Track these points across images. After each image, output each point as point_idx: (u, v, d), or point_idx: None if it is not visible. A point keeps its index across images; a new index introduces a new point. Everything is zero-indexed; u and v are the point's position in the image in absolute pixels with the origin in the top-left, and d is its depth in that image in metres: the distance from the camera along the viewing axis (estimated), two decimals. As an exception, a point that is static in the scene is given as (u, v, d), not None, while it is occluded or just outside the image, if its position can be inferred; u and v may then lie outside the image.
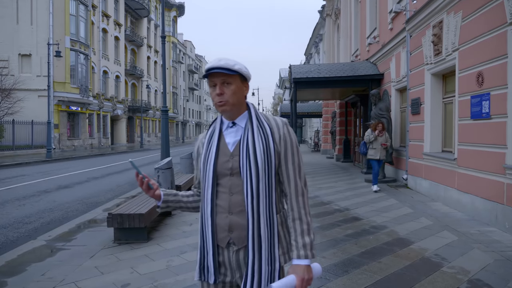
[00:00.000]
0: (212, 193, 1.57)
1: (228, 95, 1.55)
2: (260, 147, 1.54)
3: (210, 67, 1.54)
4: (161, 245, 4.80)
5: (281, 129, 1.60)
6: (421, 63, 8.38)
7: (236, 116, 1.61)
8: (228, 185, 1.57)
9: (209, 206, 1.57)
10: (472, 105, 6.14)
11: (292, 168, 1.60)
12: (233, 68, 1.54)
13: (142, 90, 43.45)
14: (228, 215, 1.56)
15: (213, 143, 1.62)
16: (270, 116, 1.66)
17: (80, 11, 28.85)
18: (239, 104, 1.60)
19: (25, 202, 8.19)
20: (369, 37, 13.12)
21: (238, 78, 1.57)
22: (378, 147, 8.81)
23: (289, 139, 1.60)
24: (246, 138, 1.56)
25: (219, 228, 1.57)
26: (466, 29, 6.40)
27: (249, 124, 1.60)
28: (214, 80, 1.56)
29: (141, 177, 1.60)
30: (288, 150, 1.60)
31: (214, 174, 1.57)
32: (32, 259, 4.39)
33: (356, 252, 4.42)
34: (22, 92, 23.80)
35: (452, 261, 4.10)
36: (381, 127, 8.90)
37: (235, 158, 1.56)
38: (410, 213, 6.50)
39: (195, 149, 1.75)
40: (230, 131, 1.62)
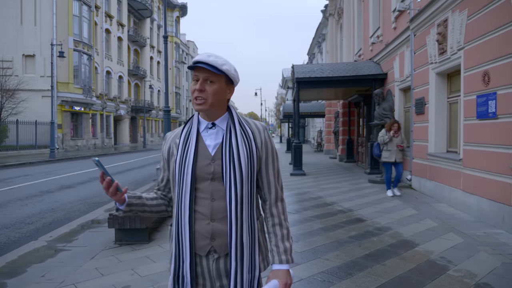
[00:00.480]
0: (190, 198, 1.47)
1: (208, 93, 1.46)
2: (244, 152, 1.48)
3: (197, 60, 1.45)
4: (162, 246, 4.75)
5: (262, 134, 1.55)
6: (426, 62, 8.29)
7: (216, 117, 1.53)
8: (209, 190, 1.49)
9: (187, 212, 1.47)
10: (478, 104, 6.05)
11: (272, 173, 1.58)
12: (220, 67, 1.45)
13: (145, 90, 43.52)
14: (210, 222, 1.47)
15: (190, 145, 1.51)
16: (249, 119, 1.61)
17: (83, 12, 28.90)
18: (218, 106, 1.51)
19: (27, 202, 8.17)
20: (372, 36, 13.03)
21: (223, 79, 1.49)
22: (394, 148, 8.02)
23: (270, 144, 1.57)
24: (229, 141, 1.49)
25: (199, 235, 1.48)
26: (471, 27, 6.31)
27: (231, 126, 1.52)
28: (198, 75, 1.47)
29: (109, 179, 1.44)
30: (269, 155, 1.56)
31: (193, 178, 1.47)
32: (32, 260, 4.35)
33: (360, 255, 4.36)
34: (26, 92, 23.86)
35: (458, 264, 4.02)
36: (397, 126, 8.09)
37: (217, 162, 1.48)
38: (414, 214, 6.42)
39: (165, 148, 1.62)
40: (210, 132, 1.53)
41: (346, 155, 16.94)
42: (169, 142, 1.61)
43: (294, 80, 12.18)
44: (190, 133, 1.54)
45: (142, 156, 23.99)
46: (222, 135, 1.52)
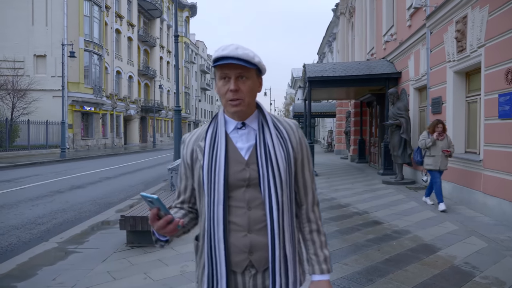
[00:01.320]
0: (224, 208, 1.30)
1: (244, 92, 1.30)
2: (281, 154, 1.33)
3: (224, 56, 1.27)
4: (175, 249, 4.63)
5: (296, 133, 1.41)
6: (443, 60, 8.06)
7: (247, 116, 1.37)
8: (244, 198, 1.32)
9: (221, 224, 1.29)
10: (500, 103, 5.83)
11: (309, 176, 1.44)
12: (252, 60, 1.29)
13: (155, 90, 43.62)
14: (248, 234, 1.30)
15: (219, 148, 1.33)
16: (279, 117, 1.45)
17: (94, 12, 29.03)
18: (252, 104, 1.37)
19: (38, 202, 8.13)
20: (385, 34, 12.79)
21: (254, 72, 1.34)
22: (438, 154, 6.75)
23: (304, 144, 1.43)
24: (263, 142, 1.33)
25: (235, 250, 1.31)
26: (493, 24, 6.09)
27: (264, 125, 1.36)
28: (227, 72, 1.29)
29: (170, 217, 1.22)
30: (305, 156, 1.42)
31: (225, 186, 1.30)
32: (43, 262, 4.26)
33: (379, 259, 4.19)
34: (37, 92, 24.02)
35: (485, 270, 3.84)
36: (442, 128, 6.79)
37: (252, 166, 1.32)
38: (433, 216, 6.22)
39: (187, 154, 1.41)
40: (240, 133, 1.36)
41: (358, 156, 16.69)
42: (191, 145, 1.42)
43: (306, 80, 12.01)
44: (216, 135, 1.36)
45: (152, 156, 24.00)
46: (254, 136, 1.36)
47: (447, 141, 6.84)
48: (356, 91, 14.61)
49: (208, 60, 73.21)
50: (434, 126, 6.89)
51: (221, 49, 1.29)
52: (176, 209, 1.47)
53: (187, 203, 1.47)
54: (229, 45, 1.30)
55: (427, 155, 6.91)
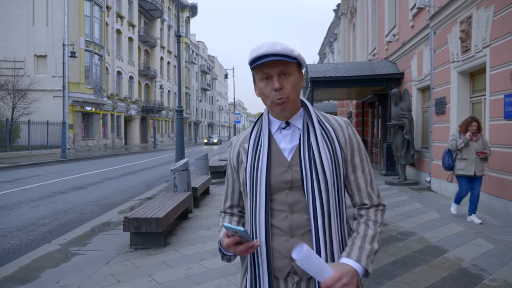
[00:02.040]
0: (266, 212, 1.25)
1: (288, 89, 1.24)
2: (326, 154, 1.25)
3: (262, 54, 1.20)
4: (179, 251, 4.59)
5: (345, 131, 1.32)
6: (447, 61, 8.01)
7: (291, 115, 1.31)
8: (287, 201, 1.27)
9: (263, 228, 1.25)
10: (506, 104, 5.78)
11: (362, 177, 1.32)
12: (292, 54, 1.22)
13: (155, 91, 43.60)
14: (289, 239, 1.25)
15: (262, 149, 1.29)
16: (328, 115, 1.38)
17: (95, 12, 29.00)
18: (297, 101, 1.30)
19: (39, 203, 8.09)
20: (388, 35, 12.74)
21: (295, 67, 1.27)
22: (472, 157, 5.75)
23: (356, 142, 1.33)
24: (308, 143, 1.27)
25: (277, 254, 1.26)
26: (498, 24, 6.04)
27: (309, 124, 1.30)
28: (268, 71, 1.23)
29: (251, 244, 1.19)
30: (356, 156, 1.32)
31: (268, 188, 1.26)
32: (46, 265, 4.21)
33: (386, 261, 4.14)
34: (37, 92, 24.01)
35: (493, 272, 3.79)
36: (476, 126, 5.75)
37: (294, 168, 1.26)
38: (438, 218, 6.17)
39: (233, 155, 1.39)
40: (284, 133, 1.31)
41: (360, 156, 16.63)
42: (236, 147, 1.39)
43: (308, 80, 11.96)
44: (260, 136, 1.32)
45: (153, 157, 23.96)
46: (298, 135, 1.30)
47: (483, 142, 5.79)
48: (358, 91, 14.56)
49: (208, 60, 73.18)
50: (467, 124, 5.86)
51: (256, 48, 1.23)
52: (228, 216, 1.43)
53: (236, 207, 1.44)
54: (264, 43, 1.23)
55: (458, 158, 5.93)
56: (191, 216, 6.46)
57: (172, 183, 6.68)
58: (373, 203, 1.32)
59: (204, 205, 7.46)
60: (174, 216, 5.30)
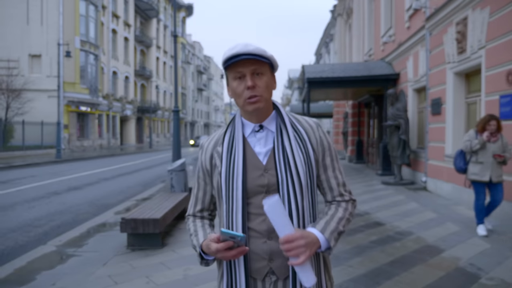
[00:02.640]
0: (243, 215, 1.26)
1: (261, 88, 1.24)
2: (300, 157, 1.27)
3: (236, 54, 1.21)
4: (177, 252, 4.57)
5: (316, 132, 1.34)
6: (442, 61, 8.06)
7: (264, 117, 1.31)
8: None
9: (240, 231, 1.26)
10: (501, 105, 5.83)
11: (333, 176, 1.35)
12: (265, 54, 1.24)
13: (151, 91, 43.48)
14: (267, 241, 1.26)
15: (237, 153, 1.29)
16: (299, 116, 1.38)
17: (90, 12, 28.85)
18: (269, 102, 1.31)
19: (35, 204, 8.03)
20: (384, 36, 12.80)
21: (268, 68, 1.29)
22: (489, 160, 5.01)
23: (326, 143, 1.35)
24: (282, 146, 1.27)
25: (255, 256, 1.27)
26: (494, 25, 6.09)
27: (282, 127, 1.30)
28: (241, 70, 1.24)
29: (243, 248, 1.18)
30: (327, 156, 1.34)
31: (244, 192, 1.26)
32: (42, 267, 4.18)
33: (384, 261, 4.15)
34: (32, 92, 23.83)
35: (490, 271, 3.81)
36: (495, 125, 5.02)
37: (270, 172, 1.27)
38: (434, 217, 6.20)
39: (205, 158, 1.37)
40: (258, 137, 1.31)
41: (356, 156, 16.71)
42: (209, 150, 1.37)
43: (305, 80, 11.98)
44: (234, 139, 1.32)
45: (149, 157, 23.89)
46: (272, 138, 1.31)
47: (502, 143, 5.05)
48: (354, 92, 14.61)
49: (204, 60, 73.10)
50: (484, 123, 5.09)
51: (229, 49, 1.24)
52: (198, 220, 1.41)
53: (206, 210, 1.43)
54: (237, 44, 1.25)
55: (473, 161, 5.15)
56: (188, 216, 6.44)
57: (169, 183, 6.66)
58: (345, 199, 1.35)
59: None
60: (172, 217, 5.28)
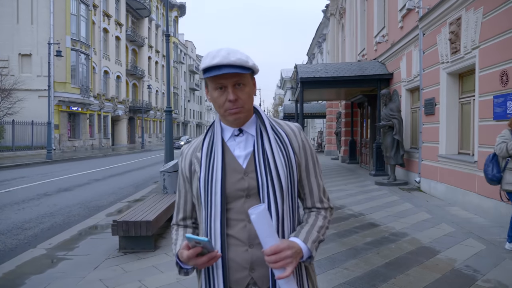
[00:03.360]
0: (221, 222, 1.21)
1: (243, 100, 1.22)
2: (281, 160, 1.24)
3: (216, 64, 1.16)
4: (169, 255, 4.49)
5: (298, 136, 1.32)
6: (436, 62, 8.07)
7: (244, 122, 1.28)
8: (244, 210, 1.21)
9: (218, 238, 1.20)
10: (495, 105, 5.83)
11: (315, 181, 1.34)
12: (247, 65, 1.19)
13: (143, 91, 43.18)
14: (249, 249, 1.21)
15: (215, 158, 1.25)
16: (280, 120, 1.36)
17: (81, 11, 28.56)
18: (251, 109, 1.30)
19: (24, 206, 7.88)
20: (377, 36, 12.81)
21: (249, 76, 1.26)
22: None
23: (308, 148, 1.33)
24: (262, 149, 1.25)
25: (235, 266, 1.21)
26: (487, 25, 6.09)
27: (262, 130, 1.28)
28: (222, 82, 1.20)
29: (213, 254, 1.14)
30: (309, 161, 1.33)
31: (223, 197, 1.21)
32: (31, 271, 4.07)
33: (380, 263, 4.11)
34: (22, 92, 23.49)
35: (486, 273, 3.79)
36: None
37: (250, 175, 1.23)
38: (428, 218, 6.19)
39: (185, 165, 1.33)
40: (238, 140, 1.28)
41: (349, 156, 16.72)
42: (188, 157, 1.34)
43: (298, 80, 11.95)
44: (213, 144, 1.28)
45: (141, 158, 23.70)
46: (252, 142, 1.28)
47: None
48: (347, 92, 14.61)
49: (197, 60, 72.83)
50: None
51: (210, 56, 1.18)
52: (181, 229, 1.38)
53: (189, 218, 1.39)
54: (218, 50, 1.19)
55: (509, 168, 4.28)
56: (181, 218, 6.36)
57: (161, 184, 6.57)
58: (324, 206, 1.35)
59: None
60: (165, 219, 5.20)
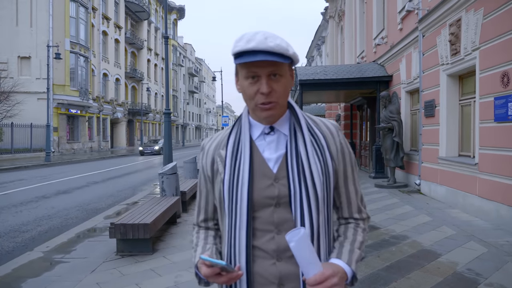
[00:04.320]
0: (247, 232, 1.08)
1: (278, 93, 1.05)
2: (317, 165, 1.09)
3: (250, 49, 0.99)
4: (167, 258, 4.44)
5: (336, 138, 1.15)
6: (436, 63, 8.04)
7: (277, 119, 1.12)
8: (273, 220, 1.09)
9: (243, 250, 1.08)
10: (496, 107, 5.79)
11: (353, 189, 1.18)
12: (287, 53, 1.02)
13: (142, 93, 43.18)
14: (276, 262, 1.08)
15: (242, 159, 1.10)
16: (316, 118, 1.20)
17: (80, 14, 28.57)
18: (285, 104, 1.12)
19: (22, 209, 7.82)
20: (376, 38, 12.80)
21: (287, 67, 1.08)
22: None
23: (347, 151, 1.17)
24: (296, 152, 1.09)
25: (262, 280, 1.09)
26: (488, 27, 6.06)
27: (297, 130, 1.12)
28: (256, 71, 1.03)
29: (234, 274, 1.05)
30: (348, 166, 1.17)
31: (250, 205, 1.08)
32: (28, 274, 4.02)
33: (380, 266, 4.06)
34: (21, 95, 23.45)
35: (489, 276, 3.74)
36: None
37: (281, 181, 1.09)
38: (429, 221, 6.14)
39: (207, 164, 1.19)
40: (268, 140, 1.12)
41: (348, 159, 16.66)
42: (210, 154, 1.18)
43: (297, 82, 11.91)
44: (240, 142, 1.13)
45: (140, 160, 23.63)
46: (285, 143, 1.12)
47: None
48: (346, 94, 14.59)
49: (196, 63, 72.85)
50: None
51: (244, 39, 1.01)
52: (202, 231, 1.26)
53: (211, 220, 1.26)
54: (254, 33, 1.02)
55: None
56: (180, 221, 6.31)
57: (160, 187, 6.52)
58: (363, 217, 1.21)
59: (193, 210, 7.28)
60: (163, 222, 5.15)
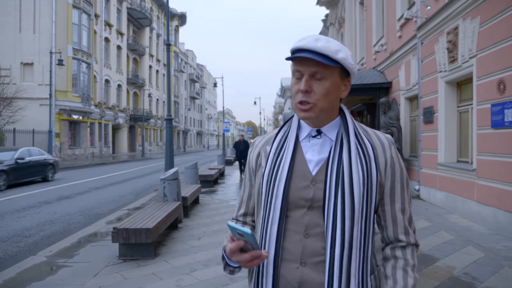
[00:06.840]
0: (278, 231, 1.08)
1: (317, 95, 1.05)
2: (359, 174, 1.06)
3: (299, 48, 1.04)
4: (169, 262, 4.51)
5: (387, 151, 1.12)
6: (434, 70, 8.14)
7: (324, 123, 1.12)
8: (303, 222, 1.08)
9: (273, 249, 1.08)
10: (493, 113, 5.88)
11: (401, 208, 1.13)
12: (334, 56, 1.03)
13: (144, 99, 43.37)
14: (300, 267, 1.06)
15: (284, 156, 1.12)
16: (369, 129, 1.18)
17: (83, 20, 28.81)
18: (330, 110, 1.11)
19: (25, 214, 7.90)
20: (376, 45, 12.93)
21: (337, 72, 1.07)
22: None
23: (399, 167, 1.13)
24: (339, 157, 1.08)
25: (284, 282, 1.08)
26: (484, 35, 6.17)
27: (344, 137, 1.11)
28: (300, 70, 1.06)
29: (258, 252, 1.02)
30: (397, 183, 1.12)
31: (284, 203, 1.08)
32: (32, 278, 4.09)
33: (379, 271, 4.12)
34: (23, 100, 23.59)
35: (485, 281, 3.80)
36: None
37: (318, 184, 1.08)
38: (428, 226, 6.20)
39: (253, 158, 1.22)
40: (313, 142, 1.13)
41: (349, 165, 16.74)
42: (258, 148, 1.21)
43: (298, 89, 12.02)
44: (286, 140, 1.15)
45: (141, 166, 23.72)
46: (329, 148, 1.11)
47: None
48: (346, 100, 14.69)
49: (197, 69, 73.19)
50: None
51: (300, 39, 1.08)
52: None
53: (250, 215, 1.26)
54: (310, 35, 1.07)
55: None
56: (181, 226, 6.38)
57: (161, 192, 6.59)
58: (410, 241, 1.14)
59: (194, 215, 7.38)
60: (164, 226, 5.22)
